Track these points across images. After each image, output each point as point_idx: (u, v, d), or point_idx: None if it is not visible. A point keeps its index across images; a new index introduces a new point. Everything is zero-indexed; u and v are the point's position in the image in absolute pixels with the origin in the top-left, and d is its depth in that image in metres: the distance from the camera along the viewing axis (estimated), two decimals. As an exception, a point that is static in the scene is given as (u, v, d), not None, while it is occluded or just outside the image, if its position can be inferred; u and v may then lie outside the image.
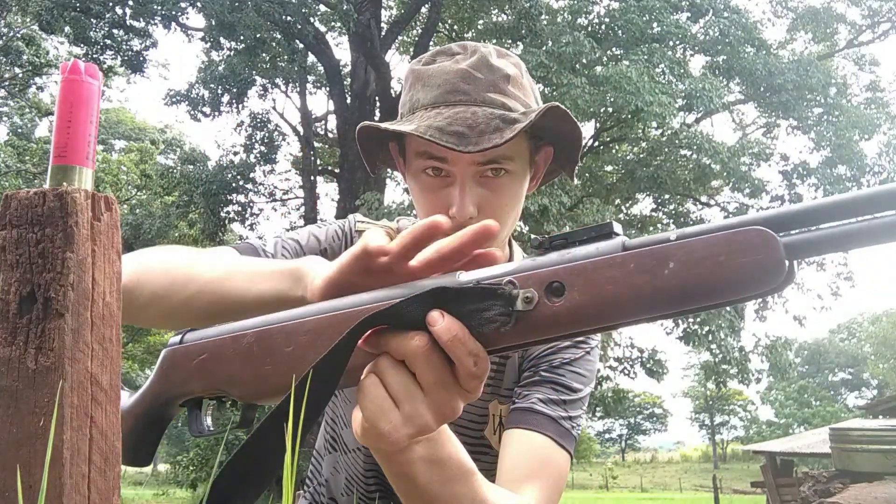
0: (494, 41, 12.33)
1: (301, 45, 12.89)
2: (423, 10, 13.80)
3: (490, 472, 1.01)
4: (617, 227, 0.52)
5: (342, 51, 17.19)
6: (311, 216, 14.95)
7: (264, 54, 12.47)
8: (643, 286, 0.47)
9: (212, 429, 0.67)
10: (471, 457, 0.73)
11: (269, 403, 0.63)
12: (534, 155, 0.99)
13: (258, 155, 14.02)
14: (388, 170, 1.11)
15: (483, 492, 0.73)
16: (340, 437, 1.12)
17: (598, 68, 10.34)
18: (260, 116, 14.38)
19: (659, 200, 14.51)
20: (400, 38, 14.41)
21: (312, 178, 15.33)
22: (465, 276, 0.56)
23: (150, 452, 0.71)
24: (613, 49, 11.77)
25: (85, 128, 0.52)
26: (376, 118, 13.47)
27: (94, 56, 12.73)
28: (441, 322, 0.53)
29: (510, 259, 1.06)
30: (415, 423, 0.56)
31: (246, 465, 0.54)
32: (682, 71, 11.16)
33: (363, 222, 1.10)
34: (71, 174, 0.51)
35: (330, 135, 16.50)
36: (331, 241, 1.06)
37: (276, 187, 16.00)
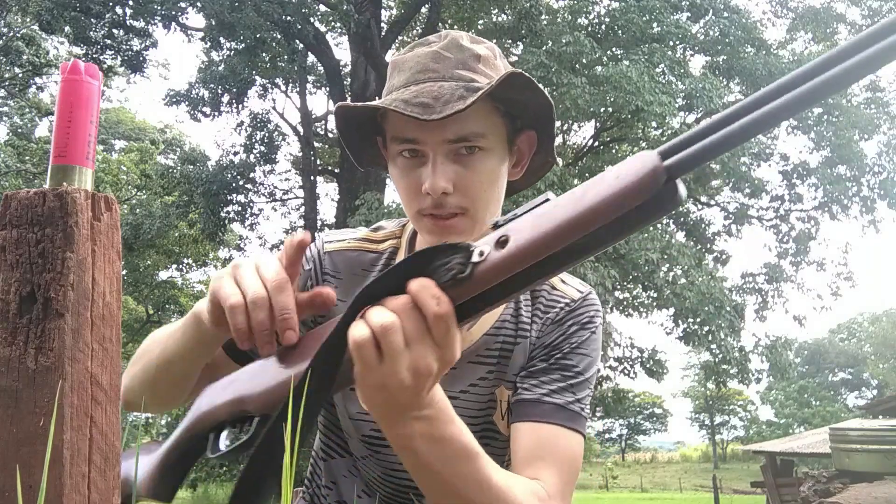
0: (494, 41, 12.30)
1: (301, 45, 12.87)
2: (423, 10, 13.79)
3: (499, 457, 1.02)
4: (550, 195, 0.63)
5: (342, 51, 17.18)
6: (311, 216, 14.94)
7: (264, 54, 12.46)
8: (566, 216, 0.59)
9: (229, 445, 0.72)
10: (480, 442, 0.76)
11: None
12: (513, 137, 0.98)
13: (258, 155, 14.00)
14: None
15: (487, 472, 0.77)
16: (346, 444, 1.13)
17: (598, 68, 10.32)
18: (260, 116, 14.37)
19: (659, 200, 14.47)
20: (400, 38, 14.39)
21: (312, 178, 15.32)
22: None
23: (175, 487, 0.73)
24: (613, 49, 11.75)
25: (85, 128, 0.51)
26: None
27: (94, 56, 12.72)
28: (413, 283, 0.64)
29: None
30: (396, 376, 0.64)
31: (260, 470, 0.61)
32: (682, 71, 11.15)
33: (331, 241, 1.10)
34: (71, 174, 0.50)
35: (330, 135, 16.48)
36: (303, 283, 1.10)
37: (276, 187, 16.01)
